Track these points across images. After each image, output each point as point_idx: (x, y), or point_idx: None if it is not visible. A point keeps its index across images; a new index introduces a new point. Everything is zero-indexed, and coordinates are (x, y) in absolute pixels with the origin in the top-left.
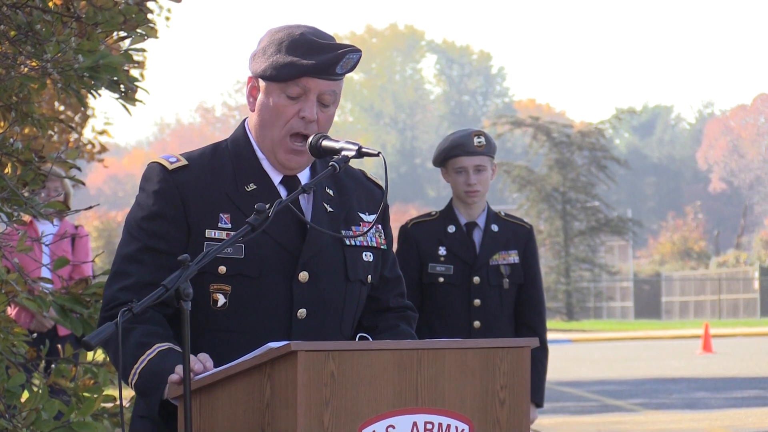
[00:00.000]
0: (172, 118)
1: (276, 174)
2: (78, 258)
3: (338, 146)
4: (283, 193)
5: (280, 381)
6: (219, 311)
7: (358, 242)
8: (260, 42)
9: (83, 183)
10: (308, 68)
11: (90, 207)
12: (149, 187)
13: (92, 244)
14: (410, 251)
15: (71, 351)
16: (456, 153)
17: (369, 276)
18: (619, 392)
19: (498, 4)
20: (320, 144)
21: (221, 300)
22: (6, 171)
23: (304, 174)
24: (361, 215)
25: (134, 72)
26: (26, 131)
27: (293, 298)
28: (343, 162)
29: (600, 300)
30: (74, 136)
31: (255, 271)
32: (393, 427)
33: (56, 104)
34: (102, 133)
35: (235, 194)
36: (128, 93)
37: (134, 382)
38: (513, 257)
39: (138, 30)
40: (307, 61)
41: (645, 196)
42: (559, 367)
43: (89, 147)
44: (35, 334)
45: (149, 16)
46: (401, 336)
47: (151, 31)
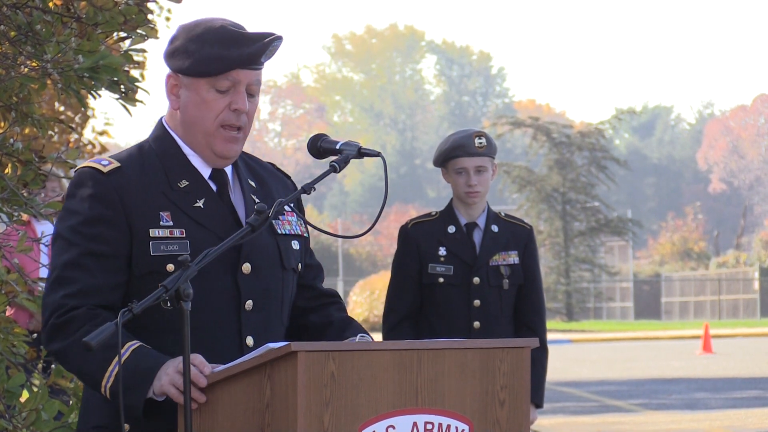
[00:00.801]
0: None
1: (205, 169)
2: None
3: (338, 147)
4: (214, 188)
5: (280, 381)
6: (169, 311)
7: (288, 231)
8: (174, 39)
9: None
10: (238, 60)
11: None
12: (83, 192)
13: None
14: (410, 251)
15: None
16: (457, 154)
17: (299, 264)
18: (619, 393)
19: (498, 5)
20: (320, 144)
21: None
22: (6, 171)
23: (228, 168)
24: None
25: (134, 72)
26: (26, 131)
27: (240, 291)
28: (344, 162)
29: (600, 300)
30: (74, 137)
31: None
32: (393, 428)
33: (56, 105)
34: (102, 134)
35: (170, 192)
36: (128, 93)
37: (109, 385)
38: (513, 258)
39: (138, 30)
40: (237, 53)
41: (645, 197)
42: (559, 368)
43: (89, 147)
44: (35, 335)
45: (149, 17)
46: (357, 331)
47: (152, 32)
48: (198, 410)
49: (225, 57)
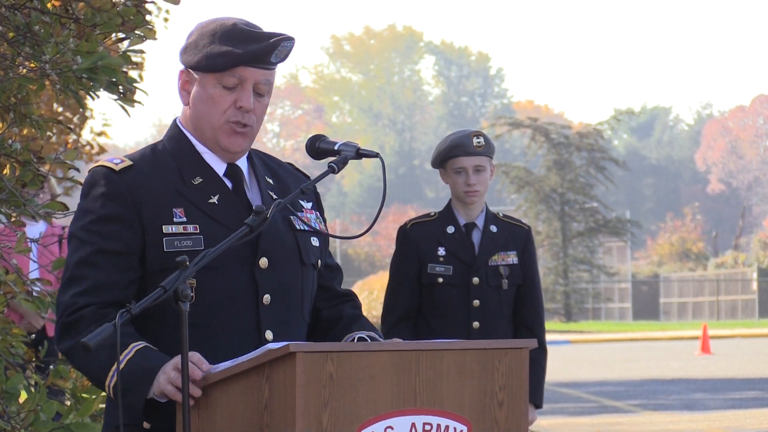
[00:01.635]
0: (171, 120)
1: (219, 165)
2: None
3: (336, 147)
4: (229, 184)
5: (279, 382)
6: (190, 307)
7: (306, 227)
8: (190, 35)
9: (82, 184)
10: (243, 57)
11: None
12: (96, 191)
13: None
14: (409, 252)
15: None
16: (455, 153)
17: (318, 260)
18: (618, 393)
19: (496, 6)
20: (318, 145)
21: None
22: (5, 172)
23: (244, 165)
24: (301, 202)
25: (133, 73)
26: (25, 132)
27: (257, 285)
28: (342, 163)
29: (598, 301)
30: (73, 138)
31: (217, 262)
32: (391, 428)
33: (55, 105)
34: (100, 135)
35: (184, 188)
36: (127, 94)
37: (112, 384)
38: (512, 258)
39: (136, 31)
40: (243, 50)
41: (643, 197)
42: (558, 368)
43: (88, 148)
44: (33, 336)
45: (147, 18)
46: (365, 327)
47: (150, 33)
48: (196, 410)
49: (231, 53)
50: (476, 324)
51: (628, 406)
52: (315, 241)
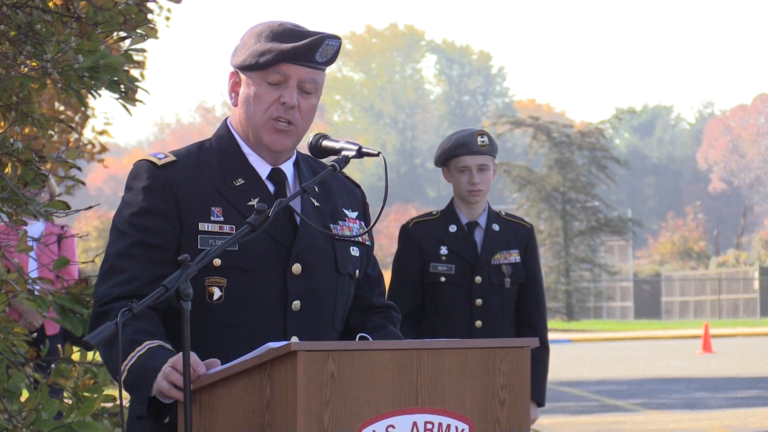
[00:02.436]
0: (172, 118)
1: (263, 168)
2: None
3: (338, 146)
4: (271, 188)
5: (280, 381)
6: (215, 305)
7: (347, 237)
8: (242, 38)
9: (83, 183)
10: (287, 53)
11: (90, 207)
12: (138, 185)
13: (92, 244)
14: (412, 251)
15: (71, 351)
16: (459, 152)
17: (357, 270)
18: (619, 392)
19: (498, 4)
20: (320, 144)
21: (217, 293)
22: (6, 171)
23: (290, 169)
24: (345, 211)
25: (134, 72)
26: (26, 131)
27: (287, 291)
28: (344, 162)
29: (600, 300)
30: (74, 136)
31: (249, 264)
32: (393, 427)
33: (56, 104)
34: (102, 133)
35: (225, 189)
36: (128, 93)
37: (123, 379)
38: (514, 257)
39: (138, 30)
40: (285, 46)
41: (645, 196)
42: (559, 367)
43: (89, 147)
44: (35, 334)
45: (149, 16)
46: (389, 337)
47: (151, 32)
48: (198, 408)
49: (274, 49)
50: (479, 323)
51: (630, 405)
52: (355, 251)
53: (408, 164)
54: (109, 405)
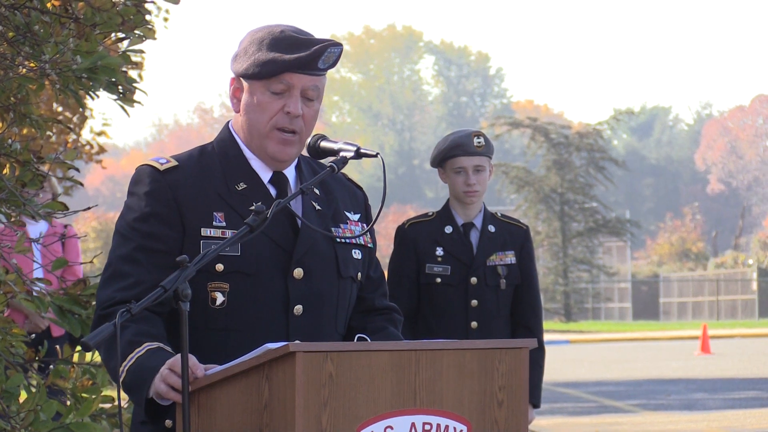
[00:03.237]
0: (171, 119)
1: (265, 173)
2: (68, 258)
3: (336, 147)
4: (273, 192)
5: (279, 382)
6: (217, 310)
7: (348, 239)
8: (240, 43)
9: (81, 184)
10: (290, 63)
11: (88, 208)
12: (140, 190)
13: (90, 245)
14: (407, 251)
15: (69, 352)
16: (455, 153)
17: (359, 273)
18: (617, 393)
19: (496, 5)
20: (319, 145)
21: (220, 298)
22: (4, 172)
23: (291, 173)
24: (347, 214)
25: (132, 73)
26: (24, 132)
27: (289, 295)
28: (342, 163)
29: (598, 301)
30: (72, 137)
31: (252, 268)
32: (391, 428)
33: (54, 105)
34: (100, 134)
35: (227, 193)
36: (126, 94)
37: (122, 380)
38: (510, 258)
39: (136, 31)
40: (289, 57)
41: (643, 197)
42: (557, 368)
43: (87, 148)
44: (33, 335)
45: (147, 17)
46: (388, 339)
47: (149, 33)
48: (196, 410)
49: (278, 60)
50: (474, 324)
51: (628, 406)
52: (357, 254)
53: (406, 165)
54: (108, 406)
